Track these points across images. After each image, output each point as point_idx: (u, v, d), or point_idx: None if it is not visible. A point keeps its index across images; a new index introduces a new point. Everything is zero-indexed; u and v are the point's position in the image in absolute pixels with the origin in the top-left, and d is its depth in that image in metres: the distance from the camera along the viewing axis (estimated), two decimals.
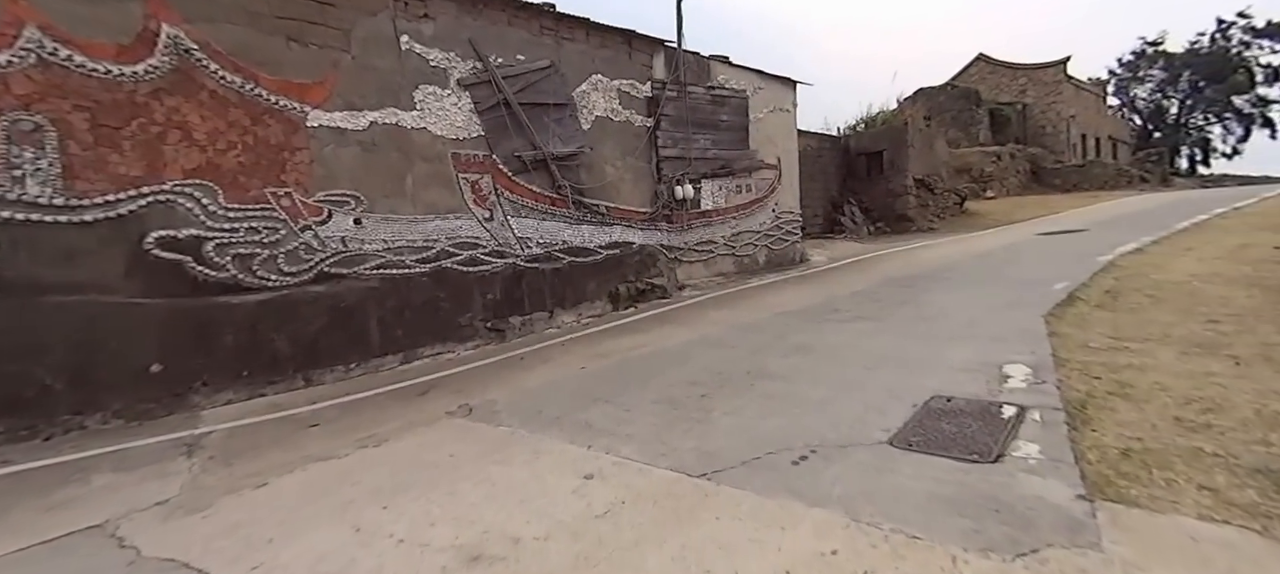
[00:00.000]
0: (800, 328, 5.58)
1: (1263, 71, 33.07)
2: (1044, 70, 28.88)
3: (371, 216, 5.44)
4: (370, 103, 5.48)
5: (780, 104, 10.38)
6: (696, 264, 8.91)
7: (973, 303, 6.00)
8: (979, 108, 26.61)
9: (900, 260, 9.79)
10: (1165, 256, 7.28)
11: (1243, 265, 6.19)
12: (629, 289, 7.54)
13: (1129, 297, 5.62)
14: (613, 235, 7.57)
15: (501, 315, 6.26)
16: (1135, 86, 37.11)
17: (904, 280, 7.73)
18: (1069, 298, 5.75)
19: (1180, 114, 35.95)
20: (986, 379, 3.71)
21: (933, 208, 16.14)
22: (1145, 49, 36.43)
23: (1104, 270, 6.84)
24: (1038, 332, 4.74)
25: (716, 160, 9.21)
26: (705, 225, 9.06)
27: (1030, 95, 29.10)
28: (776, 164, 10.33)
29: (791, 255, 10.69)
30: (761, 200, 10.05)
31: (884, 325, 5.38)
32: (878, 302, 6.54)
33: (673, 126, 8.53)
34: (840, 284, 8.04)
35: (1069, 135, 27.92)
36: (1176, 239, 8.48)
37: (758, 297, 7.61)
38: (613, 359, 5.01)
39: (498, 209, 6.39)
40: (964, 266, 8.20)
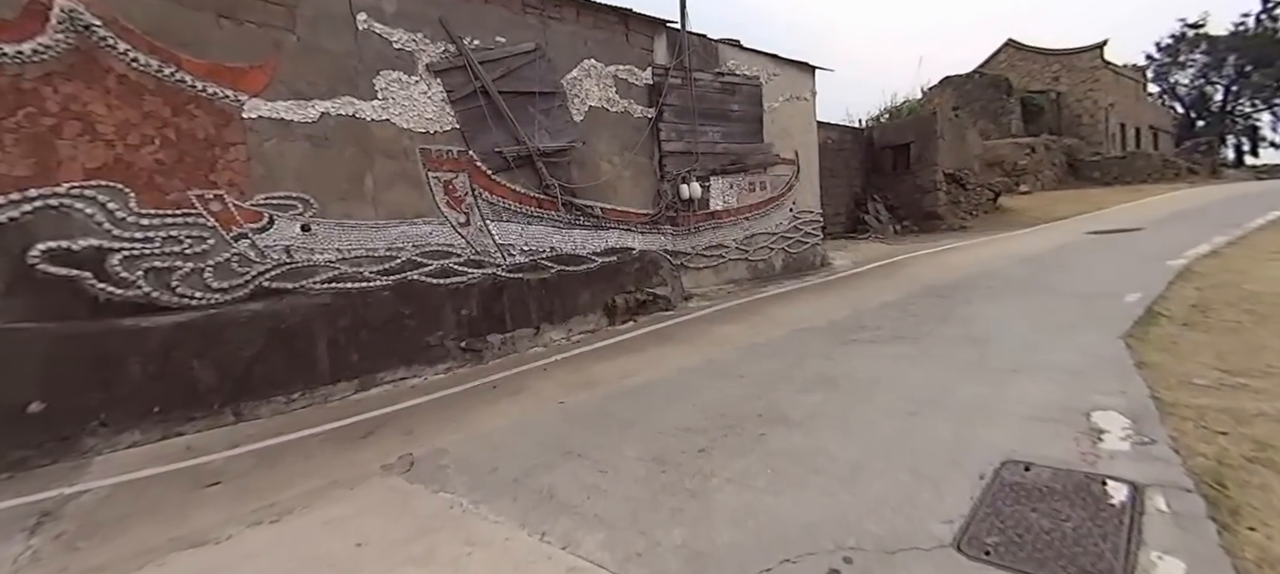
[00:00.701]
0: (822, 351, 4.71)
1: None
2: (1079, 55, 27.33)
3: (323, 222, 4.72)
4: (321, 91, 4.76)
5: (798, 92, 9.46)
6: (705, 271, 8.06)
7: (1028, 319, 5.06)
8: (1010, 97, 25.23)
9: (933, 264, 8.82)
10: (1250, 261, 6.25)
11: None
12: (627, 301, 6.72)
13: (1222, 312, 4.64)
14: (609, 240, 6.76)
15: (478, 333, 5.49)
16: (1176, 72, 35.16)
17: (940, 289, 6.79)
18: (1148, 314, 4.79)
19: (1225, 101, 33.93)
20: (1072, 433, 2.82)
21: (964, 205, 15.03)
22: (1186, 32, 34.45)
23: (1181, 278, 5.83)
24: (1119, 359, 3.82)
25: (726, 155, 8.34)
26: (714, 228, 8.20)
27: (1064, 83, 27.59)
28: (794, 159, 9.42)
29: (811, 259, 9.78)
30: (777, 199, 9.15)
31: (924, 349, 4.49)
32: (913, 316, 5.63)
33: (677, 118, 7.69)
34: (867, 293, 7.12)
35: (1107, 125, 26.37)
36: (1256, 240, 7.40)
37: (773, 308, 6.74)
38: (598, 391, 4.21)
39: (475, 212, 5.62)
40: (1008, 273, 7.22)
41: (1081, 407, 3.12)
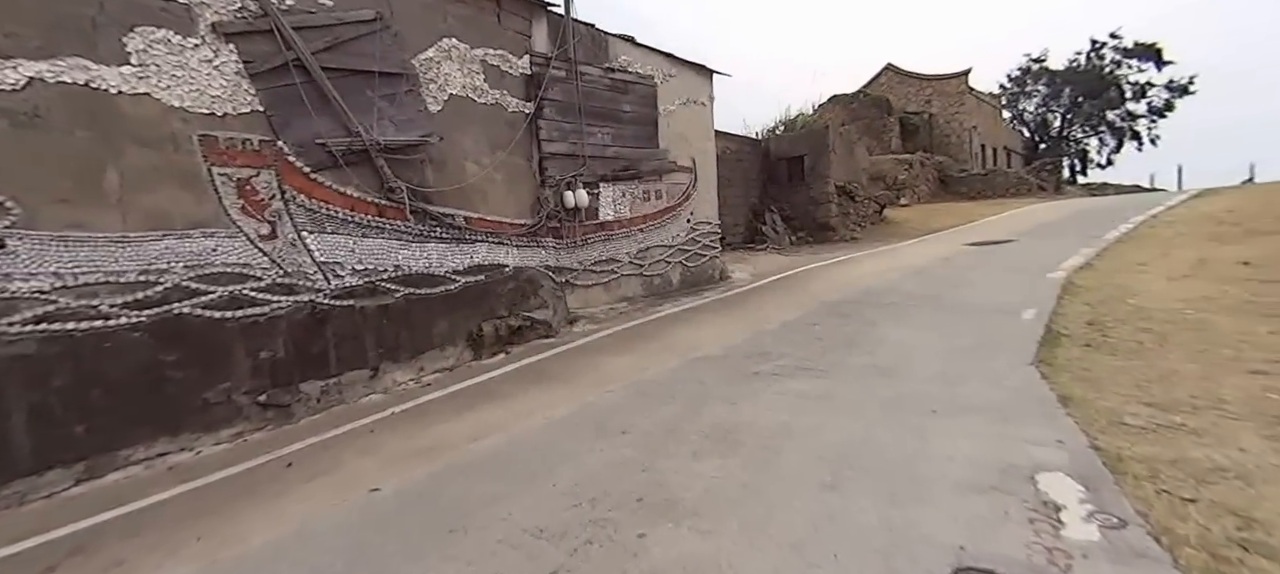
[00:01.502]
0: (721, 390, 3.96)
1: (1131, 88, 36.25)
2: (948, 81, 29.85)
3: (29, 236, 3.27)
4: (29, 47, 3.32)
5: (695, 96, 8.88)
6: (594, 288, 7.17)
7: (934, 343, 4.66)
8: (890, 116, 26.94)
9: (830, 277, 8.56)
10: (1123, 274, 6.42)
11: (1224, 285, 5.32)
12: (499, 328, 5.65)
13: (1119, 330, 4.48)
14: (475, 255, 5.66)
15: (286, 382, 4.19)
16: (1023, 100, 39.62)
17: (841, 306, 6.39)
18: (1049, 334, 4.54)
19: (1062, 127, 38.77)
20: (1024, 510, 2.22)
21: (854, 216, 15.42)
22: (1031, 66, 39.01)
23: (1067, 292, 5.80)
24: (1040, 394, 3.40)
25: (618, 160, 7.53)
26: (605, 240, 7.35)
27: (935, 106, 29.98)
28: (691, 166, 8.82)
29: (710, 272, 9.22)
30: (674, 209, 8.48)
31: (833, 384, 3.88)
32: (817, 341, 5.08)
33: (561, 116, 6.76)
34: (767, 311, 6.58)
35: (972, 144, 28.99)
36: (1118, 252, 7.80)
37: (668, 332, 5.97)
38: (434, 464, 3.14)
39: (284, 221, 4.32)
40: (904, 288, 7.01)
41: (1022, 466, 2.55)
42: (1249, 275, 5.56)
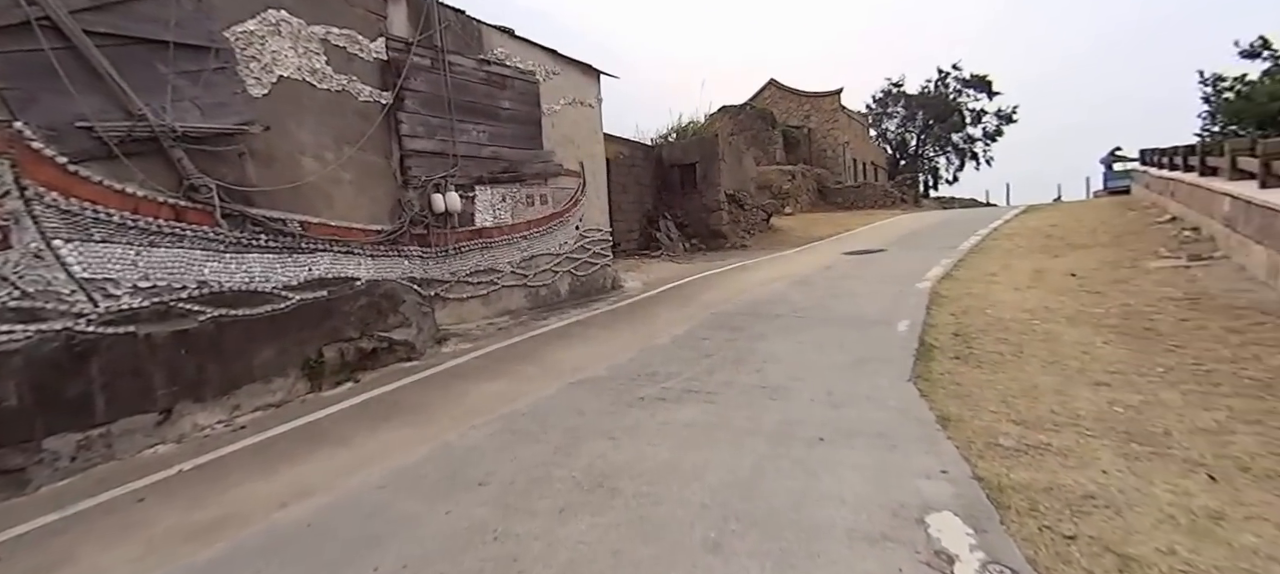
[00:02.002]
0: (602, 421, 3.54)
1: (970, 114, 41.48)
2: (824, 99, 32.12)
3: None
4: None
5: (581, 97, 8.45)
6: (471, 302, 6.48)
7: (819, 358, 4.58)
8: (774, 128, 28.37)
9: (722, 286, 8.51)
10: (979, 284, 6.91)
11: (1059, 296, 5.83)
12: (346, 352, 4.82)
13: (982, 342, 4.67)
14: (315, 267, 4.79)
15: (21, 440, 3.13)
16: (886, 120, 43.88)
17: (731, 319, 6.26)
18: (922, 347, 4.63)
19: (917, 146, 43.39)
20: (915, 561, 2.00)
21: (744, 224, 15.83)
22: (891, 89, 43.29)
23: (934, 303, 6.08)
24: (920, 415, 3.34)
25: (498, 161, 6.89)
26: (483, 248, 6.68)
27: (813, 121, 32.12)
28: (579, 170, 8.37)
29: (601, 281, 8.82)
30: (562, 215, 7.98)
31: (721, 411, 3.60)
32: (707, 357, 4.83)
33: (427, 109, 6.01)
34: (658, 324, 6.29)
35: (845, 158, 31.36)
36: (972, 262, 8.48)
37: (551, 350, 5.46)
38: (210, 552, 2.39)
39: (23, 226, 3.26)
40: (791, 298, 7.07)
41: (911, 505, 2.37)
42: (1077, 287, 6.16)
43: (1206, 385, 3.41)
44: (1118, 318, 4.85)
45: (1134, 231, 9.09)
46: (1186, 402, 3.23)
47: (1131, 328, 4.57)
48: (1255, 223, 5.14)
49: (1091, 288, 6.05)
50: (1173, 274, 5.96)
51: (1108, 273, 6.61)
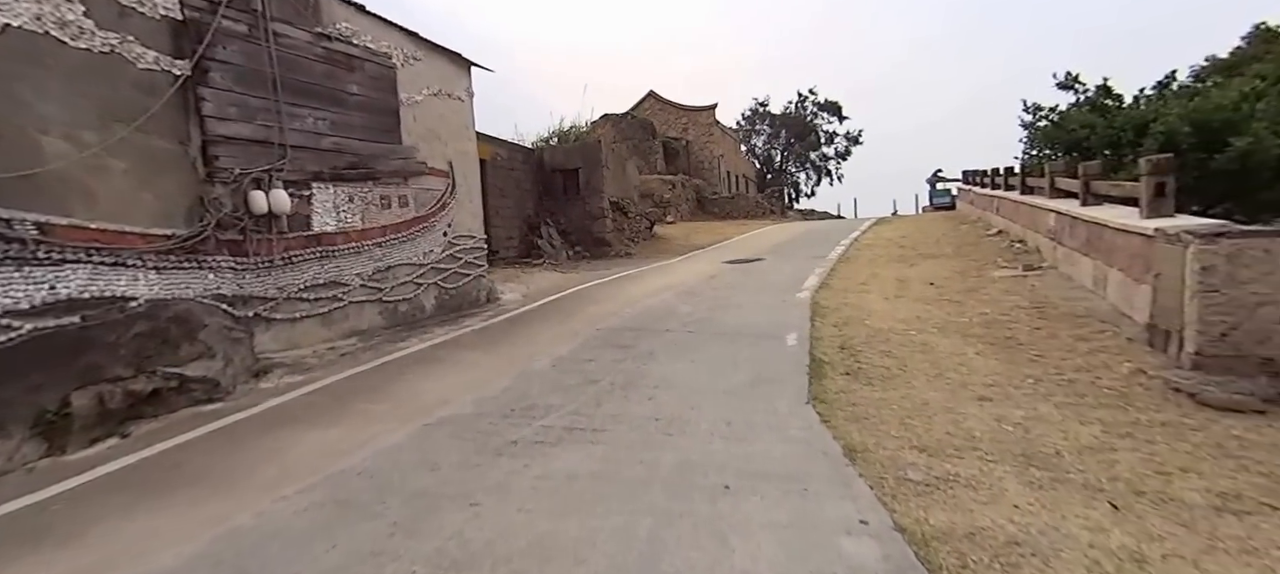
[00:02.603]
0: (460, 480, 2.84)
1: (825, 136, 45.65)
2: (700, 112, 33.29)
3: None
4: None
5: (449, 88, 7.54)
6: (306, 322, 5.35)
7: (714, 379, 4.25)
8: (655, 139, 28.79)
9: (608, 298, 8.04)
10: (853, 293, 7.13)
11: (926, 305, 6.13)
12: (110, 398, 3.58)
13: (867, 355, 4.64)
14: (64, 285, 3.52)
15: None
16: (754, 137, 46.84)
17: (619, 335, 5.78)
18: (814, 362, 4.49)
19: (782, 162, 46.81)
20: None
21: (628, 232, 15.59)
22: (758, 109, 46.37)
23: (817, 314, 6.10)
24: (825, 446, 3.08)
25: (342, 155, 5.81)
26: (323, 258, 5.56)
27: (691, 134, 33.15)
28: (447, 170, 7.45)
29: (475, 294, 7.93)
30: (426, 220, 7.01)
31: (610, 457, 3.07)
32: (592, 383, 4.29)
33: (243, 86, 4.84)
34: (539, 343, 5.63)
35: (720, 171, 32.71)
36: (843, 271, 8.85)
37: (406, 380, 4.59)
38: None
39: None
40: (680, 311, 6.77)
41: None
42: (938, 296, 6.55)
43: (1073, 396, 3.54)
44: (980, 327, 5.10)
45: (971, 243, 10.13)
46: (1063, 415, 3.29)
47: (995, 337, 4.80)
48: (1081, 237, 5.76)
49: (950, 297, 6.43)
50: (1015, 282, 6.55)
51: (960, 282, 7.13)
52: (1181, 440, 2.94)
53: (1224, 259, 3.23)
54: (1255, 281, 3.17)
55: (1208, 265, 3.26)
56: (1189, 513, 2.34)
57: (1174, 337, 3.60)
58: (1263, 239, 3.16)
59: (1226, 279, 3.23)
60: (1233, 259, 3.21)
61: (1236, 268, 3.20)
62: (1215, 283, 3.25)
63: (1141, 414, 3.24)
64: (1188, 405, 3.28)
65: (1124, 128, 6.93)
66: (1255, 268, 3.17)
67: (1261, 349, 3.19)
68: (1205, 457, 2.77)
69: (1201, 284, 3.28)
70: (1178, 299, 3.51)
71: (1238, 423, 3.07)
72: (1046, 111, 8.50)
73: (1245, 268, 3.19)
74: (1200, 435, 2.98)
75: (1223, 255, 3.23)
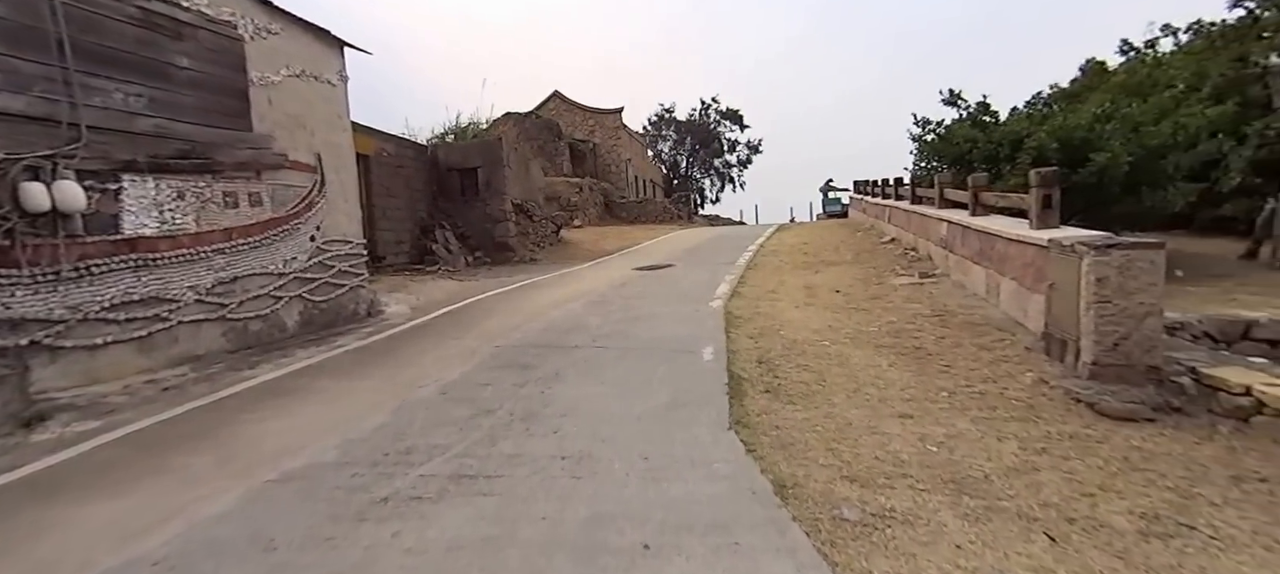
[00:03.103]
0: (297, 563, 2.18)
1: (727, 143, 47.25)
2: (607, 115, 33.04)
3: None
4: None
5: (316, 69, 6.53)
6: (114, 349, 4.25)
7: (628, 403, 3.82)
8: (561, 140, 28.10)
9: (510, 309, 7.37)
10: (764, 301, 7.03)
11: (835, 314, 6.13)
12: None
13: (785, 370, 4.44)
14: None
15: None
16: (661, 142, 47.48)
17: (521, 353, 5.19)
18: (733, 380, 4.20)
19: (687, 168, 47.84)
20: None
21: (533, 236, 14.85)
22: (664, 114, 47.09)
23: (732, 324, 5.88)
24: (754, 483, 2.76)
25: (167, 141, 4.74)
26: (138, 268, 4.47)
27: (598, 137, 32.81)
28: (314, 165, 6.43)
29: (352, 307, 6.94)
30: (287, 222, 5.98)
31: (506, 513, 2.53)
32: (488, 414, 3.70)
33: (9, 45, 3.71)
34: (425, 366, 4.91)
35: (628, 175, 32.64)
36: (752, 279, 8.83)
37: (246, 420, 3.72)
38: None
39: None
40: (589, 324, 6.29)
41: None
42: (845, 303, 6.61)
43: (986, 409, 3.50)
44: (890, 336, 5.10)
45: (867, 250, 10.58)
46: (981, 431, 3.21)
47: (905, 346, 4.79)
48: (974, 246, 6.03)
49: (858, 304, 6.50)
50: (914, 290, 6.77)
51: (863, 289, 7.28)
52: (1092, 454, 2.93)
53: (1115, 270, 3.31)
54: (1142, 292, 3.28)
55: (1102, 276, 3.34)
56: (1121, 540, 2.24)
57: (1070, 346, 3.68)
58: (1149, 251, 3.27)
59: (1118, 290, 3.31)
60: (1123, 270, 3.30)
61: (1126, 279, 3.29)
62: (1108, 293, 3.33)
63: (1051, 426, 3.24)
64: (1088, 415, 3.33)
65: (1001, 143, 7.51)
66: (1142, 278, 3.28)
67: (1148, 358, 3.29)
68: (1117, 471, 2.76)
69: (1096, 295, 3.35)
70: (1073, 309, 3.59)
71: (1134, 432, 3.13)
72: (934, 126, 9.09)
73: (1134, 279, 3.28)
74: (1105, 448, 2.99)
75: (1114, 266, 3.31)
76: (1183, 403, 3.23)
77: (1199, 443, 2.99)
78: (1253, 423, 2.98)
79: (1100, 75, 13.76)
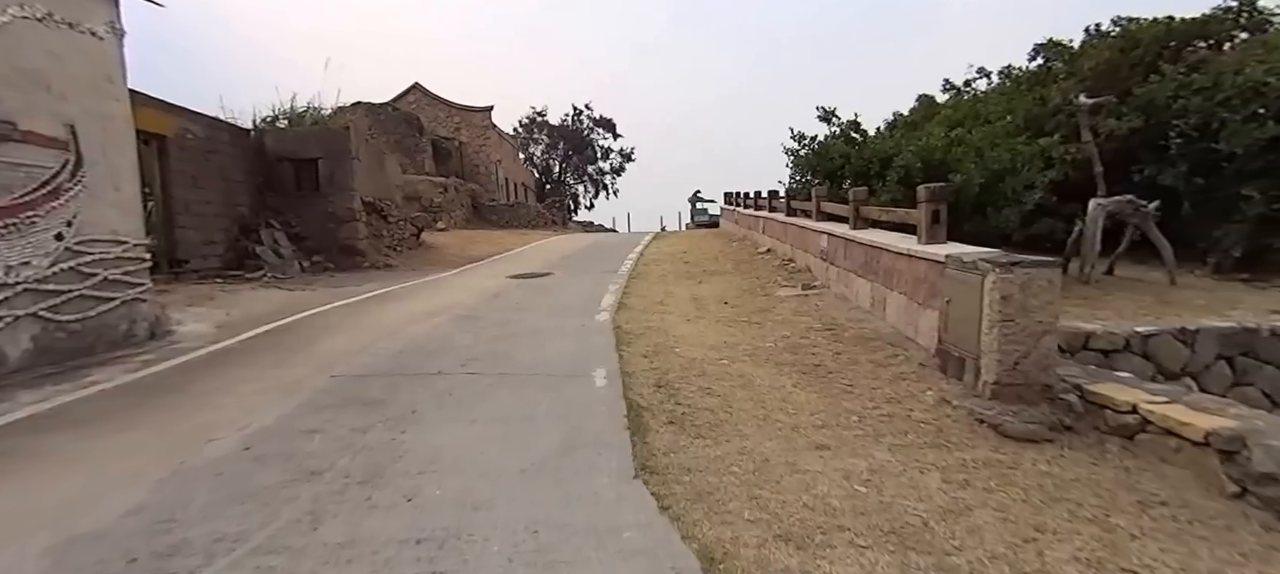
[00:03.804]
0: None
1: (601, 150, 47.19)
2: (474, 113, 31.13)
3: None
4: None
5: (68, 14, 4.87)
6: None
7: (508, 452, 3.08)
8: (422, 136, 25.84)
9: (355, 326, 6.14)
10: (653, 315, 6.59)
11: (730, 328, 5.85)
12: None
13: (688, 394, 3.98)
14: None
15: None
16: (532, 146, 46.10)
17: (366, 385, 4.17)
18: (633, 412, 3.63)
19: (560, 173, 46.94)
20: None
21: (388, 239, 13.15)
22: (535, 117, 45.79)
23: (622, 341, 5.34)
24: (675, 557, 2.20)
25: None
26: None
27: (465, 135, 30.76)
28: (67, 140, 4.76)
29: (125, 328, 5.29)
30: (13, 215, 4.30)
31: None
32: (311, 478, 2.74)
33: None
34: (224, 407, 3.71)
35: (498, 177, 31.01)
36: (637, 289, 8.39)
37: None
38: None
39: None
40: (456, 343, 5.36)
41: None
42: (735, 316, 6.41)
43: (898, 435, 3.31)
44: (787, 352, 4.89)
45: (746, 260, 10.72)
46: (901, 463, 2.97)
47: (804, 364, 4.59)
48: (858, 259, 6.13)
49: (748, 317, 6.30)
50: (800, 302, 6.76)
51: (750, 301, 7.17)
52: (1011, 484, 2.79)
53: (1018, 288, 3.29)
54: (1040, 310, 3.29)
55: (1006, 294, 3.30)
56: None
57: (969, 363, 3.64)
58: (1047, 269, 3.30)
59: (1020, 308, 3.29)
60: (1025, 288, 3.28)
61: (1027, 297, 3.28)
62: (1011, 312, 3.30)
63: (964, 452, 3.10)
64: (994, 437, 3.26)
65: (871, 160, 7.93)
66: (1042, 296, 3.29)
67: (1044, 376, 3.31)
68: (1041, 504, 2.62)
69: (1000, 313, 3.31)
70: (973, 327, 3.55)
71: (1038, 456, 3.08)
72: (809, 141, 9.44)
73: (1034, 297, 3.29)
74: (1020, 475, 2.88)
75: (1017, 285, 3.28)
76: (1072, 420, 3.27)
77: (1096, 465, 3.00)
78: (1138, 441, 3.05)
79: (931, 107, 15.58)
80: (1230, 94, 8.66)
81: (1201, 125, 8.92)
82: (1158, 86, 9.96)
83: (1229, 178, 8.44)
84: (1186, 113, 9.21)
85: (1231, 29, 11.74)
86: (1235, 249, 8.21)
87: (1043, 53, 13.68)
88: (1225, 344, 5.04)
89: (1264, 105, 8.17)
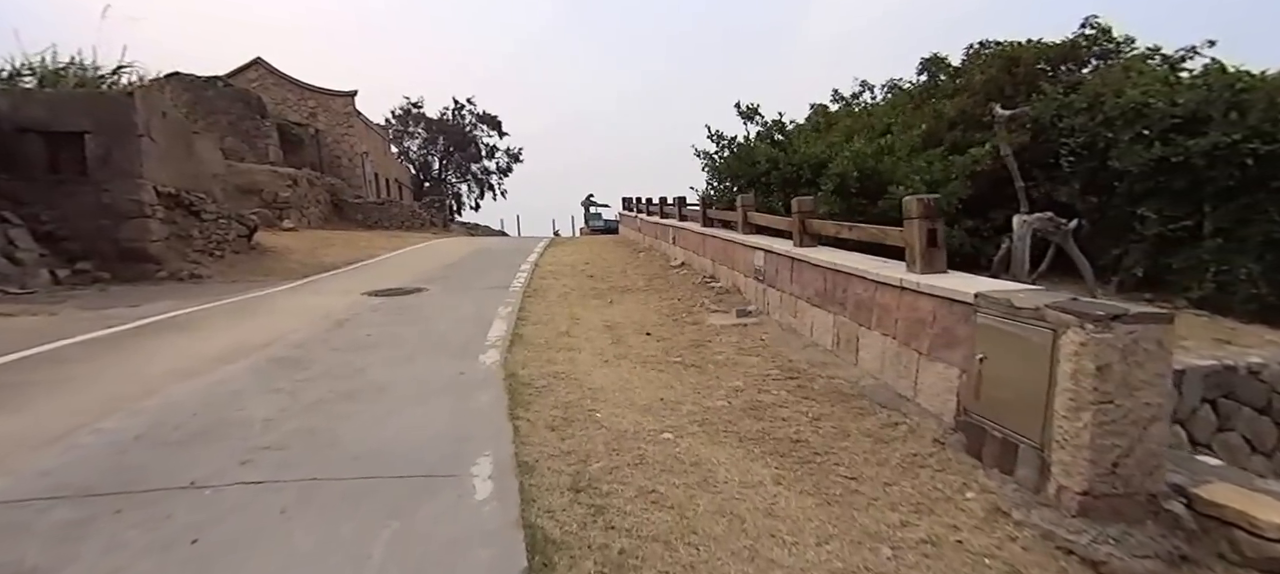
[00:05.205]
0: None
1: (486, 149, 43.95)
2: (335, 98, 27.13)
3: None
4: None
5: None
6: None
7: None
8: (265, 119, 21.78)
9: (86, 381, 3.90)
10: (559, 352, 5.01)
11: (662, 374, 4.45)
12: None
13: (624, 511, 2.53)
14: None
15: None
16: (407, 140, 41.78)
17: (42, 516, 2.19)
18: (538, 560, 2.09)
19: (441, 170, 43.03)
20: None
21: (198, 241, 10.19)
22: (411, 109, 41.54)
23: (517, 402, 3.74)
24: None
25: None
26: None
27: (322, 122, 26.67)
28: None
29: None
30: None
31: None
32: None
33: None
34: None
35: (365, 171, 27.30)
36: (534, 312, 6.72)
37: None
38: None
39: None
40: (255, 412, 3.43)
41: None
42: (665, 355, 5.05)
43: None
44: (750, 418, 3.60)
45: (659, 275, 9.43)
46: None
47: (775, 436, 3.32)
48: (811, 285, 5.05)
49: (682, 358, 4.97)
50: (739, 334, 5.56)
51: (678, 331, 5.86)
52: None
53: (1120, 356, 2.24)
54: (1148, 387, 2.28)
55: (1103, 365, 2.24)
56: None
57: (1027, 456, 2.56)
58: (1157, 326, 2.28)
59: (1121, 385, 2.25)
60: (1128, 356, 2.24)
61: (1131, 367, 2.25)
62: (1109, 390, 2.25)
63: None
64: None
65: (803, 165, 7.09)
66: (1149, 367, 2.27)
67: (1150, 483, 2.32)
68: None
69: (1096, 392, 2.24)
70: (1036, 405, 2.48)
71: None
72: (729, 142, 8.46)
73: (1140, 367, 2.27)
74: None
75: (1119, 350, 2.24)
76: (1188, 548, 2.28)
77: None
78: None
79: (826, 116, 15.59)
80: (1113, 115, 9.02)
81: (1088, 144, 9.24)
82: (1042, 104, 10.33)
83: (1122, 197, 8.76)
84: (1073, 132, 9.52)
85: (1086, 55, 12.75)
86: (1137, 268, 8.50)
87: (928, 68, 14.14)
88: (1209, 386, 4.66)
89: (1147, 126, 8.55)
